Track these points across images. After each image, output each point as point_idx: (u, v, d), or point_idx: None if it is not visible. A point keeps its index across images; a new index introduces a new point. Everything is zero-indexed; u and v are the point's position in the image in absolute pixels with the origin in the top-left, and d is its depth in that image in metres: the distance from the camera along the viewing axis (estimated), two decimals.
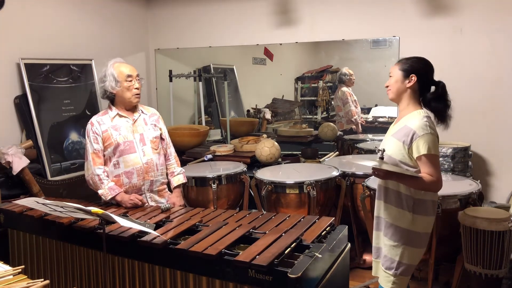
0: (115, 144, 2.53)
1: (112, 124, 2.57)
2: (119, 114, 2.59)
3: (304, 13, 4.13)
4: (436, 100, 2.12)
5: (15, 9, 3.42)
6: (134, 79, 2.55)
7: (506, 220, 2.47)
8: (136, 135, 2.58)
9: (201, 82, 4.67)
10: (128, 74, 2.54)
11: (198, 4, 4.58)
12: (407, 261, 2.12)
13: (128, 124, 2.59)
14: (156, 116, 2.74)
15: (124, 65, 2.58)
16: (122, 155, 2.54)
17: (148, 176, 2.59)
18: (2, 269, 1.61)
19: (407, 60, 2.17)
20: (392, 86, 2.17)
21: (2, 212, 2.61)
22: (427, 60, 2.17)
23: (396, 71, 2.16)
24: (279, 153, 3.76)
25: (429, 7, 3.65)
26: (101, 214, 1.82)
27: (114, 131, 2.55)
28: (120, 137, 2.54)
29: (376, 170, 2.06)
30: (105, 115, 2.60)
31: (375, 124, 4.47)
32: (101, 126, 2.55)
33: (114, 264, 2.04)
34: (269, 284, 1.61)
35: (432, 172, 2.02)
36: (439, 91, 2.12)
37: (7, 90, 3.41)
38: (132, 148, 2.55)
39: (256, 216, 2.19)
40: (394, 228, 2.13)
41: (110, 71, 2.54)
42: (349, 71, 4.40)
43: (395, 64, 2.19)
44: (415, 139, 2.04)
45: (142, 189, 2.60)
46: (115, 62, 2.58)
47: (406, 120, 2.12)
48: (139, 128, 2.61)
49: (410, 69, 2.12)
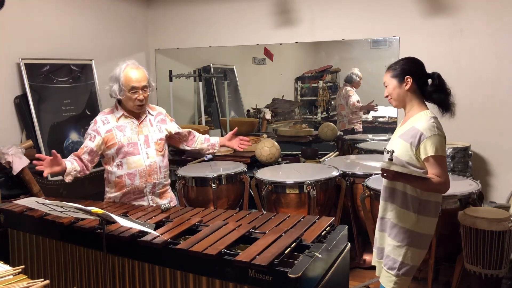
0: (118, 145, 2.51)
1: (117, 124, 2.54)
2: (125, 115, 2.57)
3: (304, 13, 4.13)
4: (436, 91, 2.12)
5: (15, 9, 3.42)
6: (139, 90, 2.48)
7: (506, 220, 2.47)
8: (140, 136, 2.56)
9: (201, 82, 4.67)
10: (133, 85, 2.46)
11: (198, 4, 4.58)
12: (410, 262, 2.12)
13: (134, 125, 2.57)
14: (162, 115, 2.70)
15: (134, 72, 2.48)
16: (125, 157, 2.52)
17: (150, 179, 2.58)
18: (2, 269, 1.61)
19: (396, 65, 2.17)
20: (392, 94, 2.18)
21: (2, 212, 2.61)
22: (413, 57, 2.18)
23: (389, 79, 2.17)
24: (279, 153, 3.76)
25: (429, 7, 3.65)
26: (101, 214, 1.82)
27: (118, 131, 2.53)
28: (124, 138, 2.52)
29: (385, 172, 2.05)
30: (111, 114, 2.57)
31: (375, 124, 4.48)
32: (105, 126, 2.53)
33: (114, 264, 2.04)
34: (269, 284, 1.61)
35: (440, 173, 2.02)
36: (436, 82, 2.12)
37: (7, 90, 3.41)
38: (136, 150, 2.53)
39: (256, 216, 2.18)
40: (398, 229, 2.14)
41: (119, 75, 2.48)
42: (359, 72, 4.39)
43: (386, 73, 2.19)
44: (422, 140, 2.03)
45: (144, 191, 2.58)
46: (127, 66, 2.50)
47: (413, 121, 2.12)
48: (144, 129, 2.59)
49: (402, 72, 2.13)
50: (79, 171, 2.49)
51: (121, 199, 2.58)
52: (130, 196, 2.58)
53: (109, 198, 2.61)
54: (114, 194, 2.58)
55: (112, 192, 2.60)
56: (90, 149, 2.51)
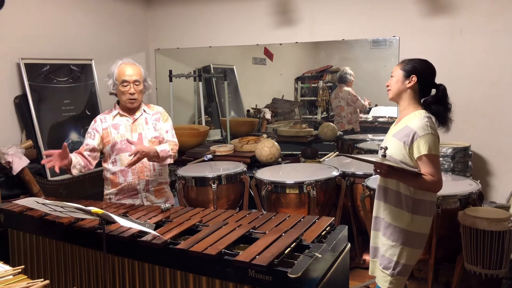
0: (112, 142, 2.59)
1: (113, 123, 2.64)
2: (120, 113, 2.66)
3: (304, 13, 4.13)
4: (436, 103, 2.13)
5: (15, 9, 3.42)
6: (130, 84, 2.56)
7: (506, 220, 2.47)
8: (134, 134, 2.62)
9: (201, 82, 4.67)
10: (124, 79, 2.55)
11: (198, 4, 4.58)
12: (405, 261, 2.12)
13: (128, 123, 2.64)
14: (159, 115, 2.72)
15: (127, 67, 2.58)
16: (118, 153, 2.59)
17: (143, 176, 2.62)
18: (2, 269, 1.61)
19: (410, 61, 2.17)
20: (392, 86, 2.18)
21: (2, 212, 2.61)
22: (430, 63, 2.17)
23: (397, 71, 2.17)
24: (279, 153, 3.76)
25: (429, 7, 3.65)
26: (101, 214, 1.82)
27: (113, 129, 2.62)
28: (117, 135, 2.60)
29: (379, 167, 2.05)
30: (109, 114, 2.68)
31: (375, 124, 4.48)
32: (103, 124, 2.64)
33: (114, 264, 2.04)
34: (269, 284, 1.61)
35: (433, 172, 2.02)
36: (439, 94, 2.13)
37: (7, 90, 3.41)
38: (128, 147, 2.57)
39: (256, 216, 2.18)
40: (392, 228, 2.14)
41: (114, 70, 2.59)
42: (351, 71, 4.39)
43: (398, 64, 2.20)
44: (415, 139, 2.04)
45: (137, 188, 2.63)
46: (122, 63, 2.61)
47: (407, 120, 2.12)
48: (139, 127, 2.64)
49: (412, 69, 2.13)
50: (83, 166, 2.57)
51: (116, 196, 2.64)
52: (125, 193, 2.63)
53: (106, 195, 2.69)
54: (110, 191, 2.65)
55: (108, 189, 2.67)
56: (92, 147, 2.60)
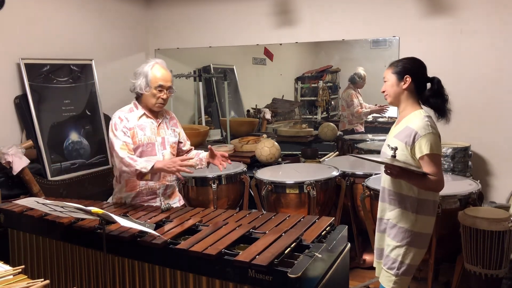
0: (138, 144, 2.46)
1: (138, 123, 2.49)
2: (146, 115, 2.52)
3: (304, 13, 4.12)
4: (433, 96, 2.13)
5: (15, 9, 3.42)
6: (164, 89, 2.47)
7: (506, 220, 2.47)
8: (158, 138, 2.53)
9: (201, 82, 4.67)
10: (161, 84, 2.44)
11: (198, 4, 4.58)
12: (409, 262, 2.13)
13: (153, 126, 2.53)
14: (175, 120, 2.68)
15: (164, 72, 2.47)
16: (141, 156, 2.46)
17: (164, 180, 2.55)
18: (2, 269, 1.61)
19: (398, 62, 2.18)
20: (388, 91, 2.19)
21: (2, 212, 2.61)
22: (417, 59, 2.18)
23: (389, 75, 2.17)
24: (279, 153, 3.76)
25: (429, 7, 3.65)
26: (101, 214, 1.82)
27: (139, 130, 2.48)
28: (144, 137, 2.48)
29: (389, 169, 2.04)
30: (131, 113, 2.50)
31: (375, 124, 4.48)
32: (129, 123, 2.46)
33: (114, 264, 2.04)
34: (269, 284, 1.61)
35: (435, 171, 2.02)
36: (435, 87, 2.13)
37: (7, 90, 3.41)
38: (153, 151, 2.50)
39: (256, 216, 2.19)
40: (397, 229, 2.14)
41: (147, 71, 2.45)
42: (364, 73, 4.37)
43: (388, 68, 2.20)
44: (417, 139, 2.04)
45: (157, 192, 2.54)
46: (156, 63, 2.47)
47: (407, 121, 2.13)
48: (162, 131, 2.56)
49: (403, 70, 2.14)
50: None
51: (133, 199, 2.52)
52: (143, 196, 2.52)
53: (119, 198, 2.56)
54: (126, 194, 2.53)
55: (122, 192, 2.54)
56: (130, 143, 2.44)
